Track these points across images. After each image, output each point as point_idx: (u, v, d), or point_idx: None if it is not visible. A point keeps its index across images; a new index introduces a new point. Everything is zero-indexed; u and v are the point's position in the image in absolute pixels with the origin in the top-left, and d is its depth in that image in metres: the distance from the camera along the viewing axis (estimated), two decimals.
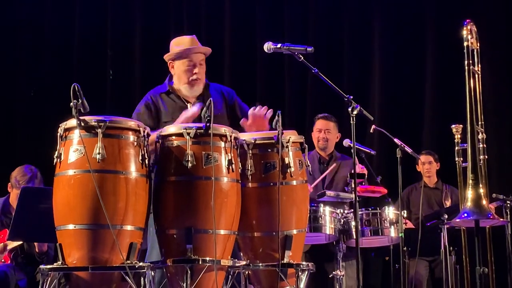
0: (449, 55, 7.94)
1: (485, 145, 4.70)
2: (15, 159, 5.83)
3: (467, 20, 4.74)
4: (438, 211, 6.38)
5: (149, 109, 4.42)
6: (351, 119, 4.09)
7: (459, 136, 5.08)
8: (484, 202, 4.39)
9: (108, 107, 7.74)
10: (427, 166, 7.16)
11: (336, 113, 6.44)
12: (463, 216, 4.38)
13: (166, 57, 4.52)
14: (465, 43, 4.70)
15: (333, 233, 5.33)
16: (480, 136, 4.63)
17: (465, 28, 4.73)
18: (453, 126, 5.08)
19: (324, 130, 6.16)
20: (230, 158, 3.71)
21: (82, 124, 3.49)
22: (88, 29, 8.00)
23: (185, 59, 4.44)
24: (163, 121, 4.36)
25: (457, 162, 5.10)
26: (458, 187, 5.10)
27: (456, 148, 5.12)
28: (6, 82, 7.79)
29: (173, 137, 3.70)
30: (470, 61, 4.69)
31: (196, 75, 4.41)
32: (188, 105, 4.44)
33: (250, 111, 4.32)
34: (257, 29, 8.05)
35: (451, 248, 5.93)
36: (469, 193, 4.39)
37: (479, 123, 4.67)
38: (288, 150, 3.93)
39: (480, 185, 4.39)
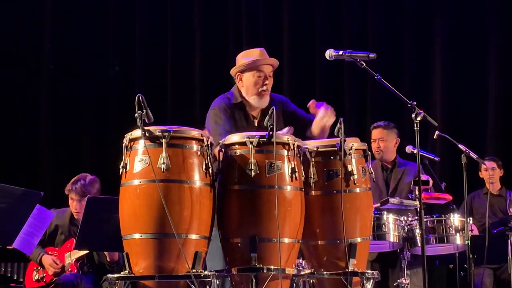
0: None
1: None
2: (80, 171, 5.91)
3: None
4: (504, 218, 6.26)
5: (228, 115, 4.31)
6: (415, 126, 4.02)
7: None
8: None
9: (168, 116, 7.83)
10: (491, 172, 7.02)
11: (397, 119, 6.35)
12: None
13: (234, 69, 4.39)
14: None
15: (397, 241, 5.26)
16: None
17: None
18: None
19: (378, 140, 6.00)
20: (293, 166, 3.70)
21: (147, 134, 3.54)
22: (148, 40, 8.11)
23: (255, 71, 4.35)
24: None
25: None
26: None
27: None
28: (70, 93, 7.95)
29: (236, 146, 3.72)
30: None
31: (266, 86, 4.34)
32: (255, 121, 4.42)
33: (316, 120, 4.28)
34: (316, 36, 8.02)
35: None
36: None
37: None
38: (351, 157, 3.90)
39: None
